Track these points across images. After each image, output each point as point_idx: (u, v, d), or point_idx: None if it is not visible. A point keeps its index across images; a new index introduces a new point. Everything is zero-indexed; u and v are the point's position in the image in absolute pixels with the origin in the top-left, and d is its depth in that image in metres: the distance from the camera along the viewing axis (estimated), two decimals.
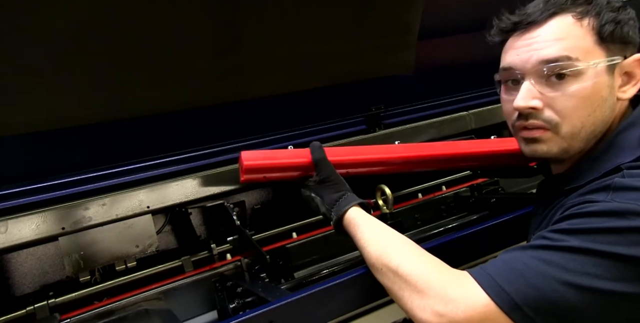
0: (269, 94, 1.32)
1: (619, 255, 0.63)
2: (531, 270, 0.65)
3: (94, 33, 0.97)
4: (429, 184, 1.64)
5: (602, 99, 0.79)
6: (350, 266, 1.24)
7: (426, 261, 0.78)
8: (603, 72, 0.79)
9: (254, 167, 1.02)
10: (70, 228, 1.05)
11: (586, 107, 0.79)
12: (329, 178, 0.98)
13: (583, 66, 0.77)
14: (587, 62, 0.78)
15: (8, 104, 0.97)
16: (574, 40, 0.79)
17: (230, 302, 1.13)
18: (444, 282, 0.71)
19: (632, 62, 0.80)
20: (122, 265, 1.14)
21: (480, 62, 1.71)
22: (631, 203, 0.65)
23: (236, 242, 1.23)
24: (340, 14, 1.25)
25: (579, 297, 0.63)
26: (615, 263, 0.63)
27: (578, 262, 0.64)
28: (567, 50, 0.79)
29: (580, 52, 0.78)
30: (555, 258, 0.65)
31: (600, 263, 0.63)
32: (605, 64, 0.79)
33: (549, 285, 0.64)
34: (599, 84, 0.78)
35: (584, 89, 0.78)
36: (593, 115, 0.79)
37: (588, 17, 0.79)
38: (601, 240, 0.64)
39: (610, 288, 0.62)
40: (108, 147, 1.18)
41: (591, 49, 0.79)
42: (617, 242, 0.63)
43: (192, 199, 1.19)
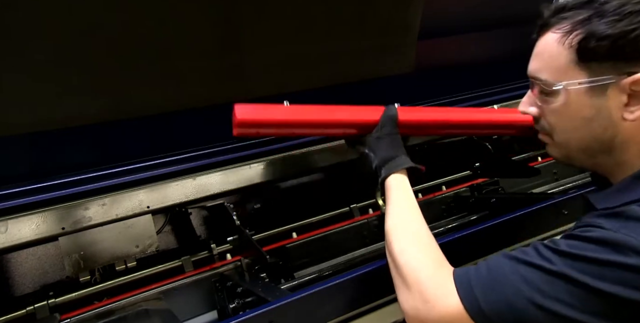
0: (269, 94, 1.32)
1: (599, 291, 0.61)
2: (508, 284, 0.66)
3: (94, 33, 0.97)
4: (429, 184, 1.64)
5: (585, 119, 0.75)
6: (350, 266, 1.24)
7: (424, 254, 0.79)
8: (581, 93, 0.73)
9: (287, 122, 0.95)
10: (70, 228, 1.05)
11: (567, 124, 0.78)
12: (390, 135, 0.96)
13: (551, 87, 0.75)
14: (559, 81, 0.75)
15: (8, 104, 0.96)
16: (548, 59, 0.77)
17: (230, 302, 1.13)
18: (429, 282, 0.74)
19: (630, 82, 0.69)
20: (122, 265, 1.14)
21: (480, 62, 1.71)
22: (635, 238, 0.61)
23: (236, 242, 1.23)
24: (340, 14, 1.25)
25: (545, 320, 0.63)
26: (592, 297, 0.61)
27: (554, 287, 0.63)
28: (539, 69, 0.78)
29: (554, 73, 0.76)
30: (534, 277, 0.65)
31: (577, 293, 0.62)
32: (579, 87, 0.73)
33: (520, 302, 0.65)
34: (577, 105, 0.74)
35: (559, 108, 0.77)
36: (579, 133, 0.77)
37: (575, 32, 0.72)
38: (587, 271, 0.62)
39: (579, 318, 0.62)
40: (108, 147, 1.18)
41: (566, 69, 0.74)
42: (604, 276, 0.61)
43: (192, 199, 1.19)
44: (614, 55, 0.70)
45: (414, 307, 0.74)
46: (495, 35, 1.63)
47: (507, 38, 1.68)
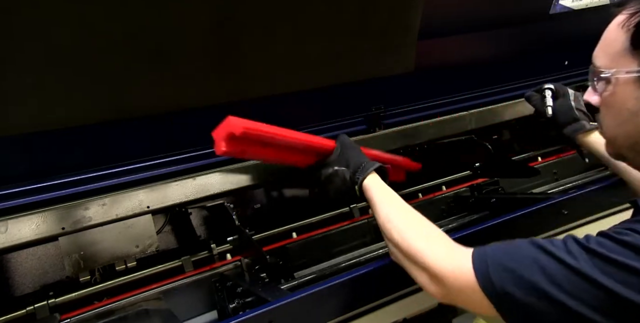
0: (269, 94, 1.32)
1: (617, 295, 0.59)
2: (526, 271, 0.65)
3: (94, 33, 0.97)
4: (429, 184, 1.64)
5: (629, 112, 0.70)
6: (350, 266, 1.24)
7: (432, 237, 0.81)
8: (630, 82, 0.69)
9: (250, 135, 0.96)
10: (70, 228, 1.05)
11: (612, 116, 0.74)
12: (352, 148, 1.04)
13: (602, 74, 0.71)
14: (610, 69, 0.70)
15: (8, 104, 0.96)
16: (606, 43, 0.73)
17: (230, 302, 1.13)
18: (445, 262, 0.74)
19: None
20: (122, 265, 1.14)
21: (480, 62, 1.71)
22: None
23: (236, 242, 1.23)
24: (340, 14, 1.25)
25: (555, 313, 0.62)
26: (612, 300, 0.60)
27: (572, 283, 0.62)
28: (597, 54, 0.74)
29: (606, 58, 0.72)
30: (554, 271, 0.63)
31: (596, 294, 0.60)
32: (626, 75, 0.68)
33: (533, 292, 0.64)
34: (623, 96, 0.70)
35: (608, 98, 0.73)
36: (624, 127, 0.72)
37: (636, 15, 0.67)
38: (611, 274, 0.60)
39: (591, 317, 0.60)
40: (108, 147, 1.18)
41: (619, 56, 0.70)
42: (626, 282, 0.59)
43: (192, 199, 1.19)
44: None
45: (437, 290, 0.75)
46: (495, 35, 1.63)
47: (507, 38, 1.68)
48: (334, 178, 1.02)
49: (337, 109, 1.48)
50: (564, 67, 1.92)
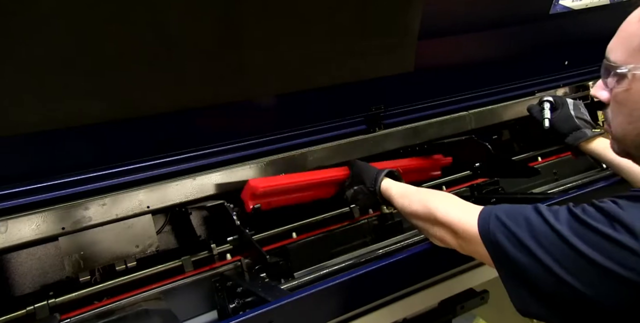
0: (269, 94, 1.32)
1: (589, 258, 0.63)
2: (518, 228, 0.72)
3: (94, 33, 0.97)
4: (429, 184, 1.64)
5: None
6: (350, 266, 1.24)
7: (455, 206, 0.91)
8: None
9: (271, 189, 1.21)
10: (70, 228, 1.05)
11: (623, 114, 0.73)
12: (365, 166, 1.25)
13: (618, 70, 0.70)
14: (627, 65, 0.69)
15: (8, 104, 0.96)
16: (624, 38, 0.71)
17: (230, 302, 1.13)
18: (461, 217, 0.85)
19: None
20: (122, 265, 1.14)
21: (481, 62, 1.71)
22: (630, 216, 0.62)
23: (236, 242, 1.23)
24: (340, 14, 1.25)
25: (535, 268, 0.68)
26: (580, 260, 0.64)
27: (551, 242, 0.67)
28: (612, 49, 0.73)
29: (623, 53, 0.70)
30: (539, 230, 0.69)
31: (568, 253, 0.65)
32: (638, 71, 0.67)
33: (520, 248, 0.70)
34: (636, 92, 0.69)
35: (620, 94, 0.72)
36: (635, 126, 0.71)
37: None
38: (582, 236, 0.64)
39: (560, 274, 0.65)
40: (108, 147, 1.18)
41: (637, 51, 0.68)
42: (594, 244, 0.63)
43: (192, 199, 1.19)
44: None
45: (453, 241, 0.88)
46: (495, 35, 1.63)
47: (507, 38, 1.68)
48: (357, 195, 1.23)
49: (337, 109, 1.48)
50: (564, 67, 1.92)
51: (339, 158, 1.41)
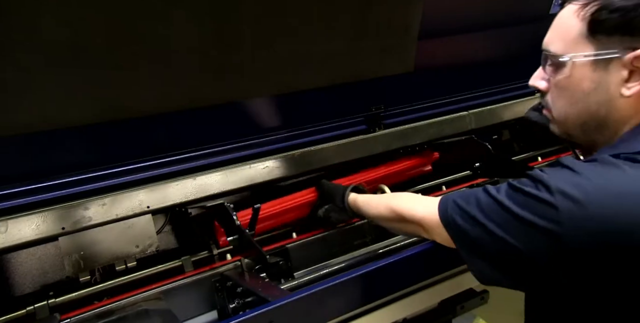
0: (269, 94, 1.32)
1: (519, 216, 0.71)
2: (470, 206, 0.80)
3: (94, 33, 0.97)
4: (429, 184, 1.64)
5: (583, 93, 0.77)
6: (350, 266, 1.24)
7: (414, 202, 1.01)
8: (585, 65, 0.76)
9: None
10: (70, 228, 1.05)
11: (565, 98, 0.81)
12: (329, 186, 1.35)
13: (559, 59, 0.78)
14: (567, 53, 0.77)
15: (8, 104, 0.96)
16: (561, 31, 0.79)
17: (230, 302, 1.13)
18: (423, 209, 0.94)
19: (633, 57, 0.71)
20: (122, 265, 1.14)
21: (480, 62, 1.71)
22: (550, 176, 0.71)
23: (236, 242, 1.23)
24: (340, 14, 1.25)
25: (483, 235, 0.76)
26: (513, 220, 0.72)
27: (494, 212, 0.75)
28: (551, 41, 0.81)
29: (564, 44, 0.78)
30: (483, 201, 0.78)
31: (505, 216, 0.73)
32: (584, 59, 0.75)
33: (469, 220, 0.79)
34: (579, 78, 0.77)
35: (562, 81, 0.79)
36: (575, 107, 0.79)
37: (591, 4, 0.74)
38: (514, 198, 0.73)
39: (503, 236, 0.73)
40: (108, 147, 1.18)
41: (575, 41, 0.76)
42: (525, 205, 0.71)
43: (192, 199, 1.19)
44: (622, 29, 0.71)
45: (425, 234, 0.96)
46: (495, 35, 1.63)
47: (507, 38, 1.68)
48: (329, 213, 1.31)
49: (337, 109, 1.48)
50: None
51: (339, 158, 1.41)
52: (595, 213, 0.65)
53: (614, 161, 0.71)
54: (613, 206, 0.65)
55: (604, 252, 0.65)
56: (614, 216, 0.65)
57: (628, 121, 0.77)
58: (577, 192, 0.66)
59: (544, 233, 0.68)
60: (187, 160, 1.26)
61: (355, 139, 1.45)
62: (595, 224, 0.65)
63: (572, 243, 0.66)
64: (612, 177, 0.68)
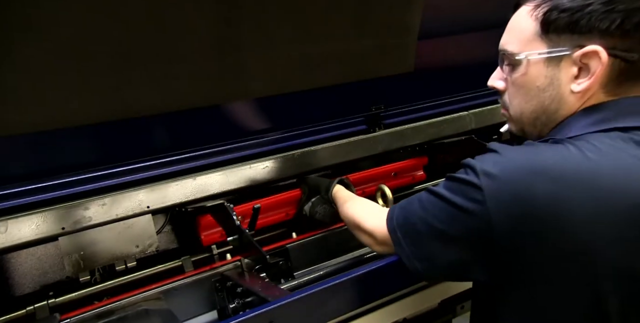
0: (269, 94, 1.32)
1: (450, 201, 0.75)
2: (412, 206, 0.84)
3: (94, 33, 0.97)
4: (429, 184, 1.64)
5: (538, 89, 0.81)
6: (350, 266, 1.24)
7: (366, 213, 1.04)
8: (540, 63, 0.79)
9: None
10: (70, 228, 1.05)
11: (522, 95, 0.84)
12: (316, 179, 1.35)
13: (516, 57, 0.81)
14: (523, 52, 0.80)
15: (8, 104, 0.96)
16: (516, 31, 0.82)
17: (230, 302, 1.13)
18: (374, 220, 0.96)
19: (581, 55, 0.74)
20: (122, 265, 1.14)
21: (480, 62, 1.71)
22: (477, 160, 0.75)
23: (236, 242, 1.23)
24: (340, 14, 1.25)
25: (426, 230, 0.79)
26: (445, 206, 0.76)
27: (431, 202, 0.79)
28: (507, 41, 0.84)
29: (519, 44, 0.81)
30: (425, 198, 0.81)
31: (440, 205, 0.77)
32: (538, 56, 0.79)
33: (412, 217, 0.82)
34: (534, 75, 0.80)
35: (518, 78, 0.83)
36: (531, 103, 0.83)
37: (543, 5, 0.77)
38: (449, 187, 0.77)
39: (441, 227, 0.76)
40: (108, 147, 1.18)
41: (530, 40, 0.80)
42: (456, 189, 0.75)
43: (192, 199, 1.19)
44: (571, 28, 0.75)
45: (376, 246, 0.98)
46: (495, 35, 1.63)
47: None
48: (315, 208, 1.32)
49: (337, 109, 1.48)
50: None
51: (339, 158, 1.41)
52: (508, 186, 0.69)
53: (536, 143, 0.77)
54: (524, 178, 0.69)
55: (525, 228, 0.69)
56: (526, 188, 0.68)
57: (572, 115, 0.81)
58: (495, 169, 0.71)
59: (475, 217, 0.72)
60: (187, 160, 1.26)
61: (355, 139, 1.45)
62: (509, 197, 0.69)
63: (498, 224, 0.70)
64: (528, 154, 0.73)
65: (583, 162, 0.69)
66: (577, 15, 0.73)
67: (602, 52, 0.72)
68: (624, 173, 0.69)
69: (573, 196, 0.67)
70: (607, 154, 0.70)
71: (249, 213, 1.24)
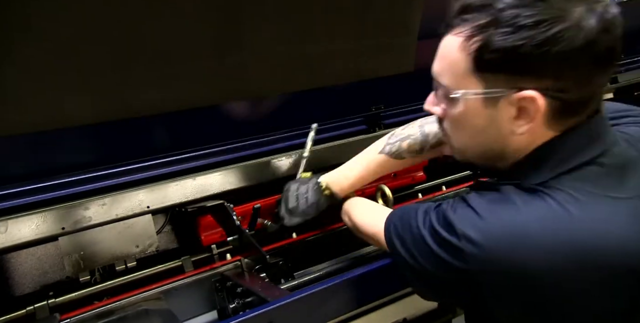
0: (269, 94, 1.32)
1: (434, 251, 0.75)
2: (404, 231, 0.84)
3: (94, 33, 0.97)
4: (429, 184, 1.64)
5: (479, 128, 0.76)
6: (350, 266, 1.24)
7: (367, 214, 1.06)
8: (477, 102, 0.73)
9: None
10: (70, 228, 1.05)
11: (462, 131, 0.80)
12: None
13: (451, 95, 0.75)
14: (458, 88, 0.74)
15: (8, 104, 0.97)
16: (450, 63, 0.75)
17: (230, 302, 1.13)
18: (373, 229, 0.97)
19: (519, 99, 0.69)
20: (122, 265, 1.14)
21: None
22: (456, 219, 0.73)
23: (236, 242, 1.23)
24: (340, 14, 1.25)
25: (410, 259, 0.80)
26: (431, 254, 0.76)
27: (418, 241, 0.79)
28: (440, 72, 0.77)
29: (454, 79, 0.75)
30: (415, 232, 0.80)
31: (425, 249, 0.77)
32: (474, 96, 0.73)
33: (403, 244, 0.83)
34: (473, 114, 0.75)
35: (457, 115, 0.77)
36: (474, 141, 0.79)
37: (474, 39, 0.70)
38: (433, 237, 0.76)
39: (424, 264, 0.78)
40: (108, 147, 1.18)
41: (464, 76, 0.73)
42: (439, 244, 0.75)
43: (192, 199, 1.19)
44: (505, 69, 0.69)
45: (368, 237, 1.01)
46: None
47: None
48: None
49: (337, 109, 1.48)
50: None
51: (339, 158, 1.41)
52: (493, 255, 0.69)
53: (511, 196, 0.73)
54: (506, 247, 0.68)
55: (509, 288, 0.70)
56: (508, 256, 0.68)
57: (524, 152, 0.76)
58: (476, 235, 0.70)
59: (457, 270, 0.72)
60: (187, 160, 1.26)
61: (355, 139, 1.45)
62: (495, 265, 0.69)
63: (483, 280, 0.71)
64: (507, 217, 0.70)
65: (567, 223, 0.68)
66: (510, 57, 0.67)
67: (539, 98, 0.68)
68: (605, 229, 0.68)
69: (566, 267, 0.67)
70: (586, 205, 0.69)
71: (249, 213, 1.24)
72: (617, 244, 0.67)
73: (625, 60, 2.03)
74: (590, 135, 0.73)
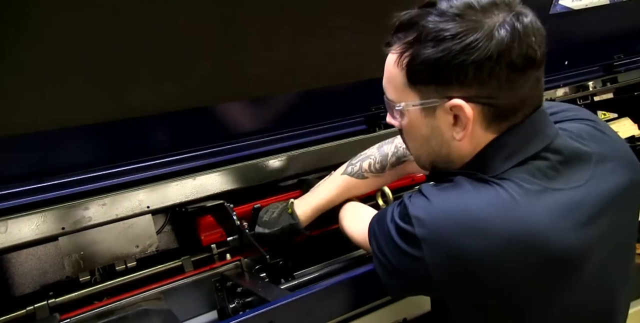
0: (269, 94, 1.32)
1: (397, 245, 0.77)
2: (381, 233, 0.83)
3: (94, 33, 0.97)
4: None
5: (424, 137, 0.81)
6: (350, 266, 1.24)
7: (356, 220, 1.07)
8: (417, 112, 0.78)
9: None
10: (70, 228, 1.05)
11: (412, 140, 0.85)
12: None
13: (396, 107, 0.81)
14: (400, 101, 0.80)
15: (9, 104, 0.97)
16: (390, 78, 0.81)
17: (230, 302, 1.13)
18: (360, 236, 0.98)
19: (451, 107, 0.73)
20: (122, 265, 1.14)
21: None
22: (410, 206, 0.76)
23: (236, 242, 1.23)
24: (340, 14, 1.25)
25: (384, 260, 0.81)
26: (395, 249, 0.77)
27: (387, 240, 0.79)
28: (386, 87, 0.84)
29: (395, 92, 0.81)
30: (386, 230, 0.81)
31: (391, 245, 0.78)
32: (413, 108, 0.78)
33: (379, 248, 0.82)
34: (416, 124, 0.80)
35: (405, 126, 0.83)
36: (424, 148, 0.83)
37: (405, 54, 0.76)
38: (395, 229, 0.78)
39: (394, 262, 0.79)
40: (108, 147, 1.18)
41: (402, 90, 0.79)
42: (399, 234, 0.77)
43: (192, 199, 1.19)
44: (433, 80, 0.74)
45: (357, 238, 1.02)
46: None
47: None
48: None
49: (337, 109, 1.48)
50: (564, 67, 1.92)
51: (339, 158, 1.41)
52: (440, 235, 0.71)
53: (464, 184, 0.75)
54: (451, 224, 0.71)
55: (462, 284, 0.72)
56: (457, 247, 0.70)
57: (470, 156, 0.80)
58: (425, 216, 0.73)
59: (416, 260, 0.73)
60: (187, 160, 1.26)
61: (355, 139, 1.45)
62: (442, 244, 0.71)
63: (435, 269, 0.72)
64: (454, 198, 0.74)
65: (511, 209, 0.70)
66: (435, 68, 0.72)
67: (466, 107, 0.72)
68: (547, 219, 0.70)
69: (504, 256, 0.69)
70: (530, 195, 0.71)
71: (249, 213, 1.24)
72: (554, 234, 0.69)
73: (625, 60, 2.03)
74: (531, 133, 0.76)
